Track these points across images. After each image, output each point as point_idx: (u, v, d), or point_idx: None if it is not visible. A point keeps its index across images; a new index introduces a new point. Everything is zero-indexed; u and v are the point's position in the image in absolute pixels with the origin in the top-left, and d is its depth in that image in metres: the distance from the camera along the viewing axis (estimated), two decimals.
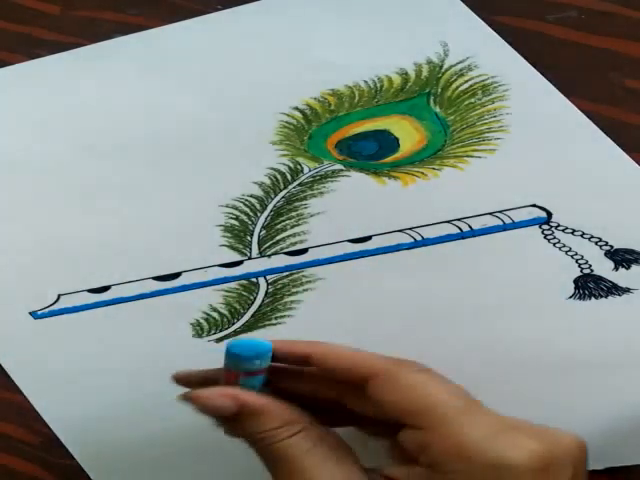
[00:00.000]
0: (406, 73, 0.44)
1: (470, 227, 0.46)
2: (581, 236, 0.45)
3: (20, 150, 0.48)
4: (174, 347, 0.48)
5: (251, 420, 0.39)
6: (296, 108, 0.45)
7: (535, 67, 0.45)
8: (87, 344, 0.49)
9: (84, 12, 0.49)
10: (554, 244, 0.45)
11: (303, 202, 0.46)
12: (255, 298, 0.48)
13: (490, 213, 0.45)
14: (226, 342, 0.39)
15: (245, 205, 0.47)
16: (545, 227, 0.45)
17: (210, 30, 0.46)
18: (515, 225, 0.45)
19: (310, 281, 0.47)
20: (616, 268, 0.45)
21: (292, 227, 0.47)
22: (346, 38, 0.45)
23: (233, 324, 0.48)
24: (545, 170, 0.45)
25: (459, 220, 0.46)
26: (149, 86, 0.46)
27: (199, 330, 0.48)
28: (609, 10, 0.45)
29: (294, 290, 0.48)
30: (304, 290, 0.48)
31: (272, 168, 0.46)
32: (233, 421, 0.39)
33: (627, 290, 0.46)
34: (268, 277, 0.48)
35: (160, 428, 0.48)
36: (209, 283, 0.48)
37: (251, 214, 0.47)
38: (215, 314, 0.48)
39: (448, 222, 0.46)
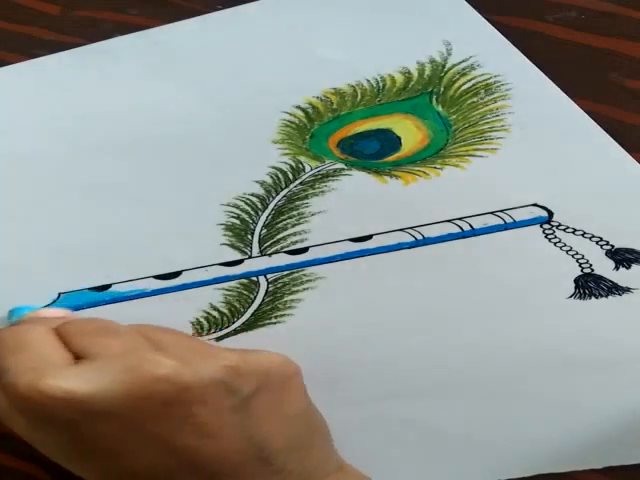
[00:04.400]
0: (409, 72, 0.43)
1: (471, 226, 0.44)
2: (582, 235, 0.44)
3: (20, 150, 0.46)
4: None
5: None
6: (298, 107, 0.44)
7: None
8: None
9: (84, 12, 0.47)
10: (555, 243, 0.44)
11: (304, 201, 0.45)
12: (255, 297, 0.47)
13: (491, 212, 0.44)
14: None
15: (246, 204, 0.45)
16: (546, 226, 0.44)
17: (211, 29, 0.45)
18: (516, 224, 0.44)
19: (310, 280, 0.46)
20: (617, 267, 0.45)
21: (293, 226, 0.46)
22: (348, 37, 0.43)
23: (233, 323, 0.47)
24: (547, 169, 0.44)
25: (460, 219, 0.45)
26: (150, 85, 0.45)
27: (199, 329, 0.47)
28: (609, 10, 0.44)
29: (294, 289, 0.46)
30: (304, 289, 0.46)
31: (274, 167, 0.45)
32: None
33: (627, 290, 0.45)
34: (268, 276, 0.46)
35: None
36: (210, 282, 0.46)
37: (252, 213, 0.45)
38: (215, 313, 0.47)
39: (449, 221, 0.45)
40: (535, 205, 0.44)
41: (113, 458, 0.39)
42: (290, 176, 0.45)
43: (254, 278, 0.46)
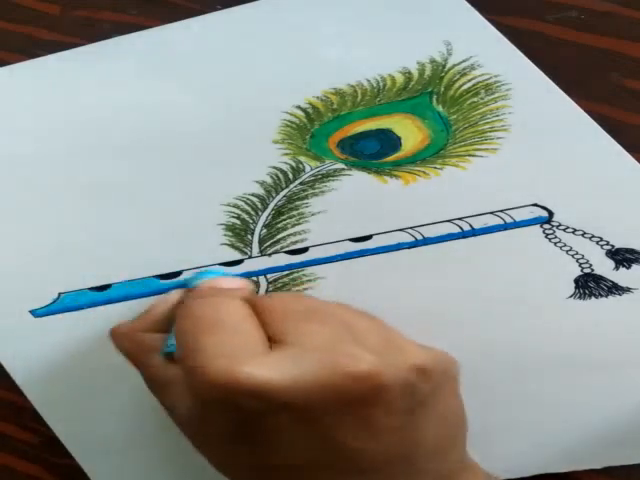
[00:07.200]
0: (409, 72, 0.43)
1: (471, 226, 0.44)
2: (582, 235, 0.44)
3: (20, 150, 0.46)
4: None
5: None
6: (298, 107, 0.44)
7: None
8: (88, 343, 0.47)
9: (84, 12, 0.47)
10: (555, 243, 0.44)
11: (304, 201, 0.45)
12: None
13: (491, 212, 0.44)
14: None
15: (246, 204, 0.45)
16: (546, 226, 0.44)
17: (211, 29, 0.45)
18: (516, 224, 0.44)
19: (310, 280, 0.46)
20: (617, 267, 0.44)
21: (293, 226, 0.45)
22: (348, 37, 0.43)
23: None
24: (547, 169, 0.43)
25: (460, 219, 0.44)
26: (150, 85, 0.45)
27: None
28: (609, 10, 0.44)
29: (294, 289, 0.46)
30: (304, 289, 0.46)
31: (274, 167, 0.45)
32: None
33: (627, 289, 0.44)
34: (268, 276, 0.46)
35: (161, 427, 0.47)
36: None
37: (252, 213, 0.45)
38: None
39: (449, 221, 0.44)
40: (535, 205, 0.44)
41: (272, 447, 0.37)
42: (290, 176, 0.45)
43: (254, 278, 0.46)
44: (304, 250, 0.46)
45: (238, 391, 0.35)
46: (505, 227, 0.44)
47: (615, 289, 0.44)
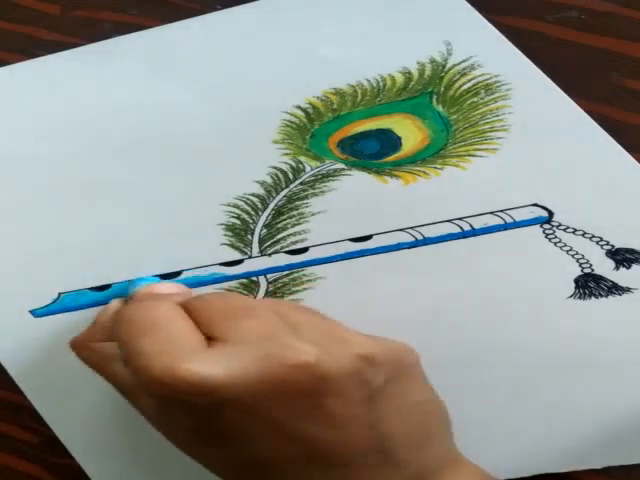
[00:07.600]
0: (409, 72, 0.43)
1: (471, 226, 0.44)
2: (582, 235, 0.44)
3: (20, 150, 0.46)
4: None
5: None
6: (298, 107, 0.44)
7: None
8: None
9: (84, 12, 0.47)
10: (555, 243, 0.44)
11: (304, 201, 0.45)
12: (255, 297, 0.46)
13: (491, 212, 0.44)
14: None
15: (246, 204, 0.45)
16: (546, 226, 0.44)
17: (211, 29, 0.45)
18: (516, 224, 0.44)
19: (310, 280, 0.46)
20: (617, 267, 0.44)
21: (293, 226, 0.45)
22: (349, 37, 0.43)
23: None
24: (547, 169, 0.43)
25: (460, 219, 0.44)
26: (150, 85, 0.45)
27: None
28: (609, 10, 0.44)
29: (294, 289, 0.46)
30: (304, 289, 0.46)
31: (274, 167, 0.45)
32: None
33: (627, 290, 0.44)
34: (268, 276, 0.46)
35: None
36: (210, 282, 0.46)
37: (252, 213, 0.45)
38: None
39: (449, 221, 0.44)
40: (535, 205, 0.44)
41: (236, 445, 0.38)
42: (290, 176, 0.45)
43: (254, 278, 0.46)
44: (304, 250, 0.46)
45: (183, 388, 0.35)
46: (505, 227, 0.44)
47: (615, 289, 0.44)
